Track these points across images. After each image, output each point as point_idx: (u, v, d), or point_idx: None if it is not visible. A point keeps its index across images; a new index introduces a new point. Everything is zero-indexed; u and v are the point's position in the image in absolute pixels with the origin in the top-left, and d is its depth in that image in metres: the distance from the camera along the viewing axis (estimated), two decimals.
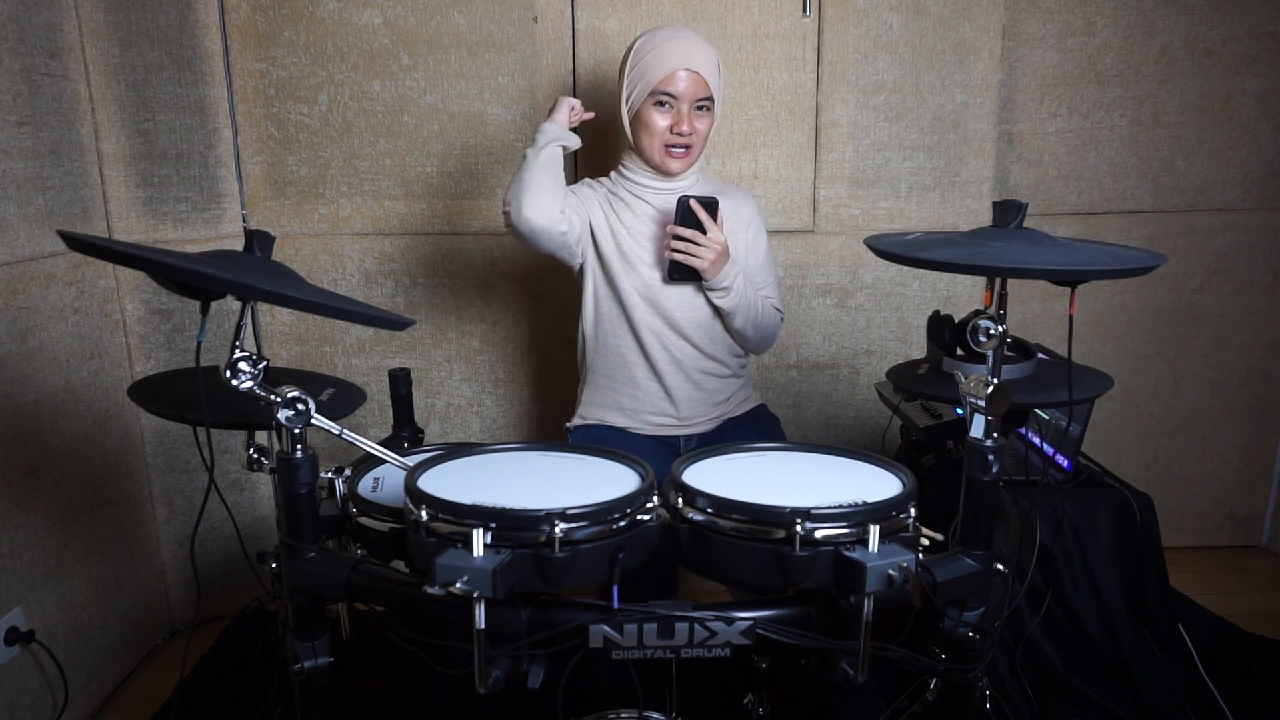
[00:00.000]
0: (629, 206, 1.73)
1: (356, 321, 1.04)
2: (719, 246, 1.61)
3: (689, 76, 1.61)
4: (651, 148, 1.66)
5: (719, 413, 1.80)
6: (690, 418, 1.77)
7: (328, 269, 2.28)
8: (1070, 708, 1.75)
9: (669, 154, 1.67)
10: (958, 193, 2.29)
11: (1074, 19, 2.31)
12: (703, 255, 1.61)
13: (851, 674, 0.99)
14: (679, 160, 1.68)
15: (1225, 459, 2.60)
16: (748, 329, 1.73)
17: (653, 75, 1.61)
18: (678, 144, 1.65)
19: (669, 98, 1.62)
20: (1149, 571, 1.80)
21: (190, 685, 1.95)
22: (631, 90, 1.66)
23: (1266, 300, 2.50)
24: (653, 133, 1.64)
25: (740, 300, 1.69)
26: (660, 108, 1.63)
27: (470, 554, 0.90)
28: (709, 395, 1.77)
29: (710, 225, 1.61)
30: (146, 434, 2.10)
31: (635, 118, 1.67)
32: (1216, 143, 2.40)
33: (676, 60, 1.60)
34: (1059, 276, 1.05)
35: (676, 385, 1.74)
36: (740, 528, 0.97)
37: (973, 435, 1.06)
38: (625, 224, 1.71)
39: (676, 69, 1.60)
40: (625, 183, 1.75)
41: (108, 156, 1.98)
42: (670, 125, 1.64)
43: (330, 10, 2.12)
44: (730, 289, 1.67)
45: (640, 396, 1.75)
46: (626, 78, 1.67)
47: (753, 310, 1.72)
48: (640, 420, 1.77)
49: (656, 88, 1.61)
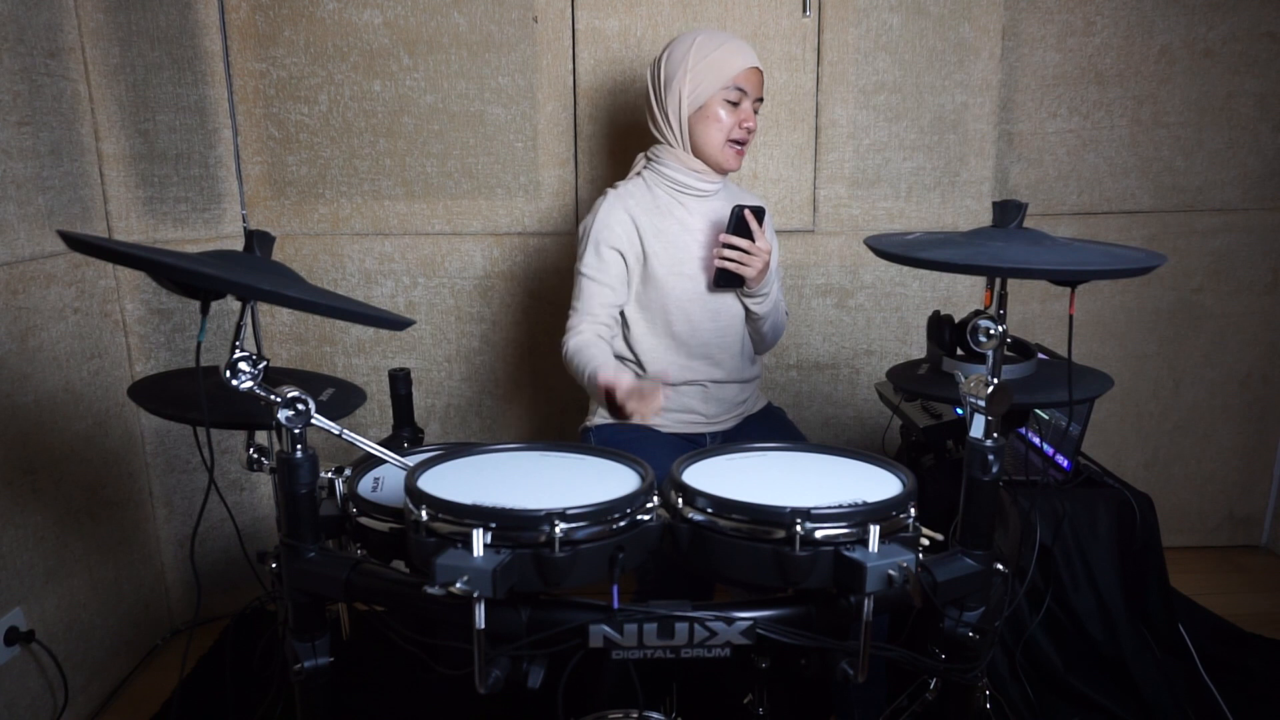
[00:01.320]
0: (666, 214, 1.70)
1: (356, 321, 1.04)
2: (767, 255, 1.63)
3: (756, 75, 1.65)
4: (716, 143, 1.66)
5: (741, 411, 1.82)
6: (718, 416, 1.78)
7: (328, 269, 2.28)
8: (1070, 708, 1.75)
9: (732, 148, 1.67)
10: (958, 193, 2.29)
11: (1074, 19, 2.31)
12: (752, 264, 1.62)
13: (851, 674, 0.99)
14: (739, 156, 1.68)
15: (1225, 459, 2.60)
16: (769, 330, 1.79)
17: (726, 71, 1.61)
18: (742, 139, 1.66)
19: (741, 94, 1.63)
20: (1149, 571, 1.80)
21: (190, 685, 1.95)
22: (696, 87, 1.63)
23: (1266, 300, 2.50)
24: (722, 128, 1.64)
25: (772, 305, 1.74)
26: (730, 106, 1.64)
27: (470, 554, 0.90)
28: (736, 394, 1.79)
29: (759, 234, 1.62)
30: (146, 434, 2.10)
31: (699, 113, 1.64)
32: (1216, 143, 2.40)
33: (746, 58, 1.63)
34: (1059, 276, 1.05)
35: (709, 387, 1.75)
36: (740, 528, 0.97)
37: (973, 435, 1.06)
38: (664, 235, 1.69)
39: (749, 65, 1.63)
40: (664, 183, 1.72)
41: (108, 156, 1.98)
42: (739, 120, 1.64)
43: (330, 10, 2.12)
44: (768, 295, 1.72)
45: (673, 397, 1.75)
46: (688, 75, 1.62)
47: (777, 313, 1.78)
48: (668, 419, 1.77)
49: (731, 83, 1.61)
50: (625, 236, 1.67)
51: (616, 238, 1.67)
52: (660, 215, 1.70)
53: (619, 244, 1.67)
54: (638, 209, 1.69)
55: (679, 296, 1.69)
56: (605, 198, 1.71)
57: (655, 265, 1.68)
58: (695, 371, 1.74)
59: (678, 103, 1.65)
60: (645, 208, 1.70)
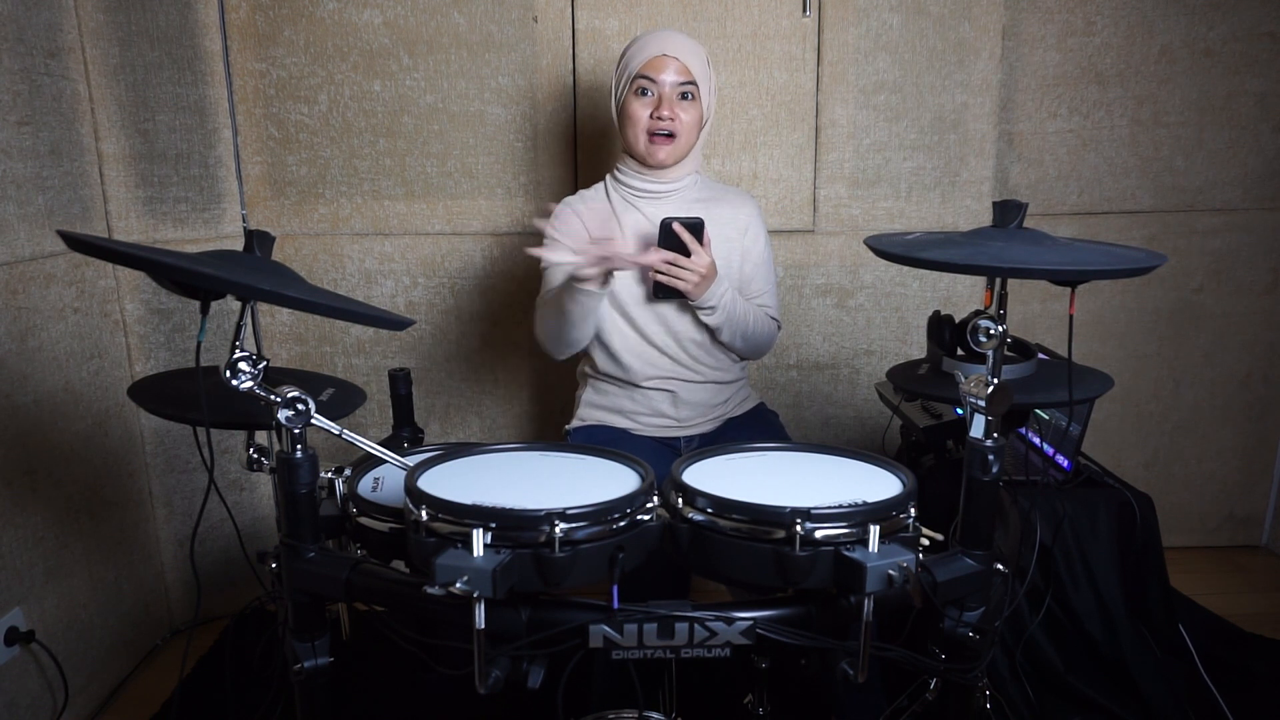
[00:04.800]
0: (623, 218, 1.72)
1: (356, 321, 1.04)
2: (703, 269, 1.58)
3: (668, 62, 1.61)
4: (636, 137, 1.65)
5: (719, 413, 1.80)
6: (690, 419, 1.77)
7: (328, 269, 2.28)
8: (1070, 708, 1.75)
9: (652, 141, 1.64)
10: (958, 193, 2.29)
11: (1074, 19, 2.31)
12: (686, 278, 1.58)
13: (851, 674, 0.99)
14: (662, 147, 1.65)
15: (1225, 459, 2.60)
16: (736, 341, 1.71)
17: (634, 65, 1.63)
18: (659, 129, 1.63)
19: (648, 82, 1.62)
20: (1149, 571, 1.80)
21: (190, 685, 1.95)
22: (617, 84, 1.67)
23: (1266, 300, 2.50)
24: (635, 121, 1.64)
25: (728, 317, 1.66)
26: (641, 96, 1.63)
27: (470, 554, 0.90)
28: (709, 397, 1.77)
29: (695, 248, 1.56)
30: (146, 434, 2.10)
31: (620, 112, 1.67)
32: (1216, 143, 2.40)
33: (655, 47, 1.61)
34: (1059, 276, 1.05)
35: (677, 390, 1.74)
36: (740, 528, 0.97)
37: (973, 435, 1.06)
38: (622, 236, 1.68)
39: (655, 55, 1.61)
40: (620, 188, 1.74)
41: (107, 156, 1.98)
42: (651, 111, 1.63)
43: (330, 10, 2.12)
44: (717, 307, 1.64)
45: (641, 400, 1.75)
46: (614, 76, 1.69)
47: (741, 324, 1.68)
48: (640, 422, 1.77)
49: (637, 73, 1.62)
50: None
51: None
52: (614, 220, 1.71)
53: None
54: (589, 213, 1.68)
55: (628, 300, 1.69)
56: (558, 207, 1.71)
57: None
58: (661, 372, 1.73)
59: (613, 108, 1.70)
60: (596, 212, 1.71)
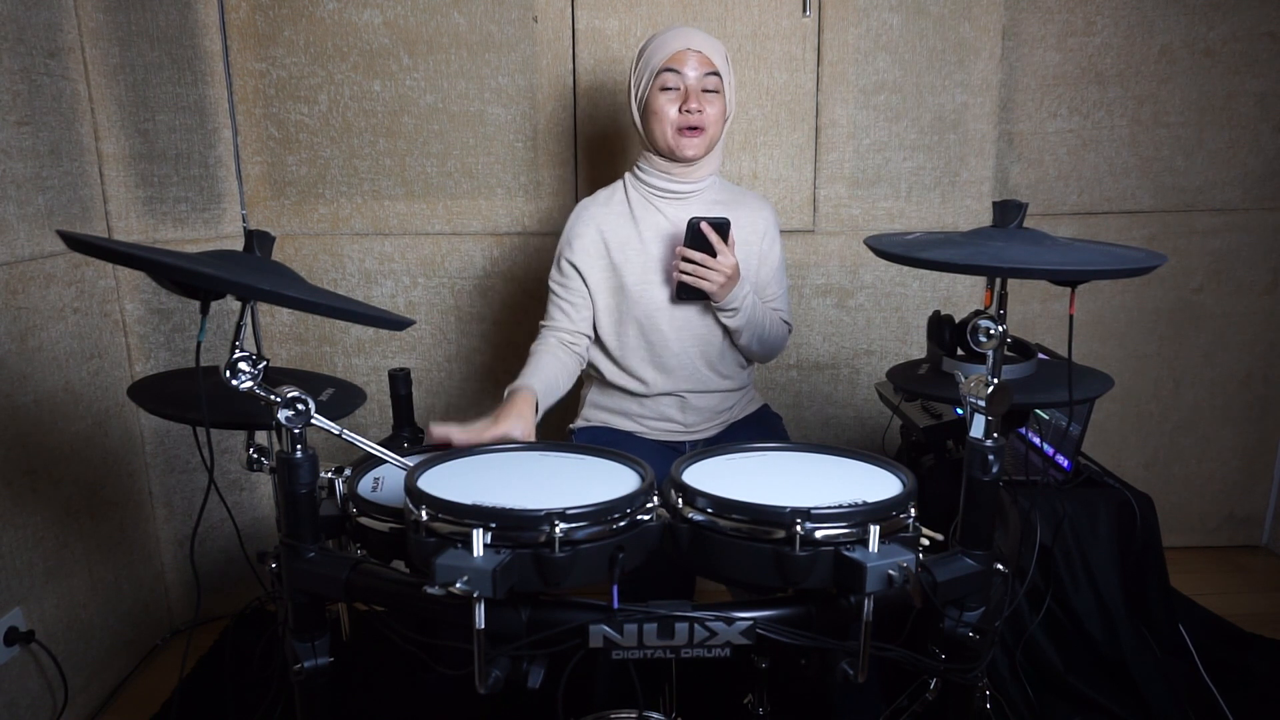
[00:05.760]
0: (640, 221, 1.68)
1: (356, 321, 1.04)
2: (729, 270, 1.57)
3: (691, 55, 1.58)
4: (664, 133, 1.61)
5: (724, 418, 1.80)
6: (696, 424, 1.76)
7: (328, 269, 2.28)
8: (1070, 708, 1.75)
9: (681, 135, 1.61)
10: (958, 193, 2.29)
11: (1074, 19, 2.31)
12: (711, 279, 1.57)
13: (851, 674, 0.99)
14: (692, 141, 1.61)
15: (1225, 459, 2.60)
16: (753, 344, 1.71)
17: (657, 60, 1.59)
18: (688, 124, 1.60)
19: (674, 75, 1.58)
20: (1149, 571, 1.80)
21: (190, 685, 1.95)
22: (639, 82, 1.63)
23: (1266, 300, 2.50)
24: (663, 117, 1.60)
25: (748, 319, 1.66)
26: (666, 92, 1.59)
27: (470, 554, 0.90)
28: (717, 404, 1.77)
29: (721, 248, 1.56)
30: (146, 434, 2.10)
31: (645, 109, 1.63)
32: (1216, 143, 2.40)
33: (678, 42, 1.59)
34: (1059, 276, 1.05)
35: (686, 397, 1.73)
36: (740, 528, 0.97)
37: (973, 435, 1.06)
38: (632, 244, 1.67)
39: (679, 49, 1.59)
40: (642, 187, 1.71)
41: (107, 156, 1.98)
42: (679, 105, 1.59)
43: (330, 10, 2.12)
44: (739, 309, 1.64)
45: (649, 405, 1.74)
46: (633, 75, 1.65)
47: (759, 326, 1.69)
48: (646, 426, 1.76)
49: (662, 67, 1.58)
50: (589, 250, 1.66)
51: (577, 252, 1.66)
52: (633, 223, 1.68)
53: (581, 260, 1.66)
54: (607, 218, 1.68)
55: (648, 307, 1.66)
56: (576, 209, 1.71)
57: (624, 276, 1.66)
58: (672, 382, 1.71)
59: (634, 106, 1.66)
60: (616, 216, 1.69)
